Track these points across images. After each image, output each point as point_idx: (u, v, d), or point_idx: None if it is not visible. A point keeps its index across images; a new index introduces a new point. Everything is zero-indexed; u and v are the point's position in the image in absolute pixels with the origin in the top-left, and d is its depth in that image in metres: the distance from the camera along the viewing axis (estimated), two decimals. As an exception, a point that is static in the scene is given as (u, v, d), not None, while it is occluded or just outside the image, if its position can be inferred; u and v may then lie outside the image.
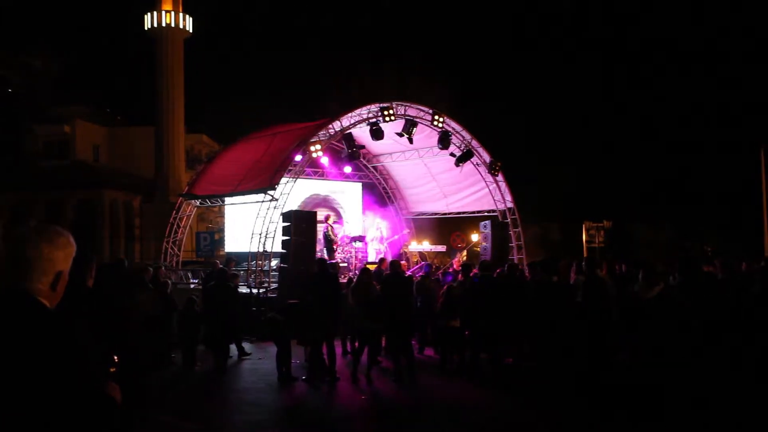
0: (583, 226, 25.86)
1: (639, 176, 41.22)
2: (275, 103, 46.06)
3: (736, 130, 38.29)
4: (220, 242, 24.50)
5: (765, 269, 7.55)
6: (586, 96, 51.06)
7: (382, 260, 15.63)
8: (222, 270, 12.98)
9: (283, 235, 16.69)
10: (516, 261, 19.74)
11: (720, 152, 37.83)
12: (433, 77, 36.39)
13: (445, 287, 12.03)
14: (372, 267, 14.97)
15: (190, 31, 34.68)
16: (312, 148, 17.64)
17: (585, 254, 23.41)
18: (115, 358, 3.31)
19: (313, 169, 21.84)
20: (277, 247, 17.15)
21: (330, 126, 18.51)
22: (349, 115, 18.67)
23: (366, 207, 23.55)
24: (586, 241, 25.48)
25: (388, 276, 11.36)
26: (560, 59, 53.56)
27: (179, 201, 21.49)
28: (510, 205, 21.91)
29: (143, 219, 35.37)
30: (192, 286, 17.52)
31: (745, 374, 7.05)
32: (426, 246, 24.13)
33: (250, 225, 17.66)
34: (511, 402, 9.35)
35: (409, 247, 23.64)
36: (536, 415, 8.54)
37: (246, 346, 13.44)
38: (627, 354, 8.39)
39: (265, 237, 17.19)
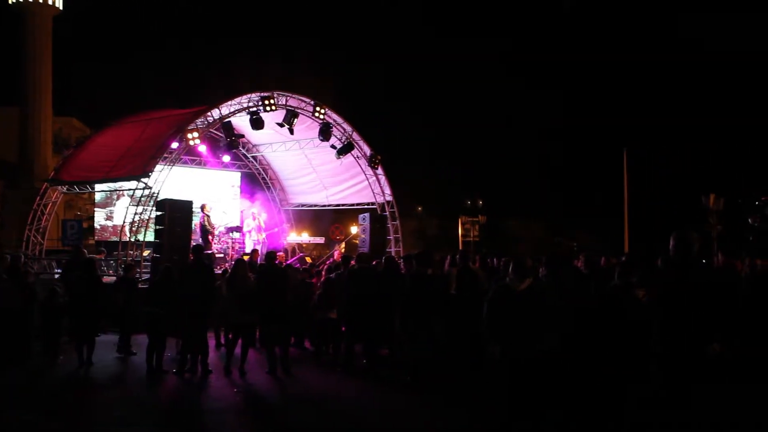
0: (459, 220, 26.58)
1: (514, 173, 42.76)
2: (151, 88, 44.30)
3: (602, 131, 40.50)
4: (89, 231, 23.42)
5: (623, 264, 8.00)
6: (467, 91, 52.50)
7: (254, 251, 15.49)
8: (89, 260, 12.43)
9: (157, 224, 16.17)
10: (393, 253, 20.04)
11: (587, 152, 39.93)
12: (317, 68, 36.27)
13: (323, 279, 12.05)
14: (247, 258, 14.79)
15: (60, 8, 32.83)
16: (189, 136, 17.20)
17: (460, 248, 24.06)
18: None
19: (190, 158, 21.29)
20: (150, 237, 16.60)
21: (209, 114, 18.10)
22: (229, 103, 18.32)
23: (244, 197, 23.22)
24: (462, 235, 26.19)
25: (263, 267, 11.26)
26: (441, 54, 54.69)
27: (44, 187, 20.35)
28: (389, 198, 22.23)
29: (5, 206, 33.19)
30: (56, 275, 16.66)
31: (607, 361, 7.45)
32: (305, 237, 24.11)
33: (121, 213, 16.99)
34: (384, 393, 9.46)
35: (288, 238, 23.52)
36: (407, 405, 8.69)
37: (113, 338, 12.82)
38: (500, 344, 8.64)
39: (138, 226, 16.60)
